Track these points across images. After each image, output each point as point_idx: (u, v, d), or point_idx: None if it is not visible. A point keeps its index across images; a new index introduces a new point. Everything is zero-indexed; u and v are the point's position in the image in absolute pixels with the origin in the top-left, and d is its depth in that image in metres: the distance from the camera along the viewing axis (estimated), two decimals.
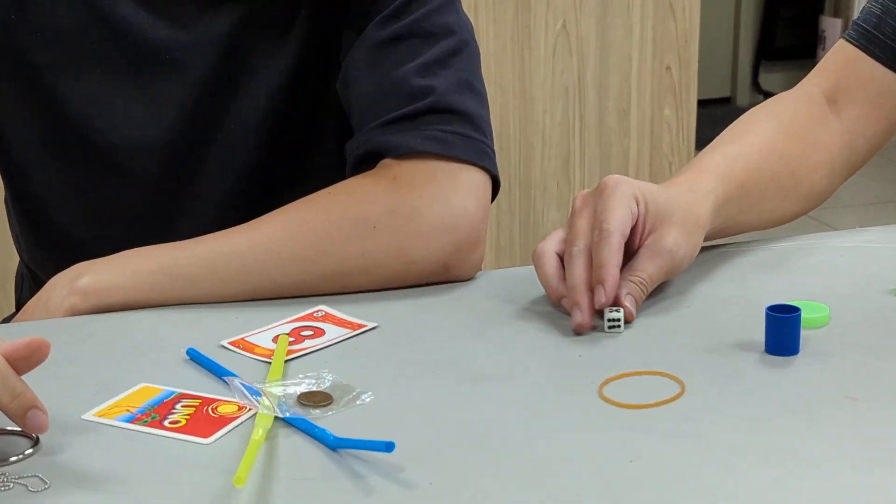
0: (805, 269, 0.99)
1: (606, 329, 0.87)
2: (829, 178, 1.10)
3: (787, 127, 1.08)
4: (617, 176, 0.91)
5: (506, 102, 2.58)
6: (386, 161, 0.99)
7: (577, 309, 0.87)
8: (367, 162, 1.00)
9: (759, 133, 1.06)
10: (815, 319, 0.87)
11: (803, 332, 0.83)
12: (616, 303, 0.87)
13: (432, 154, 0.98)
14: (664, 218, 0.91)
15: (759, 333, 0.84)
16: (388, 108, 1.00)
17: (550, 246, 0.92)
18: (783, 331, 0.82)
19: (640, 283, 0.89)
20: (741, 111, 1.12)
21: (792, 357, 0.82)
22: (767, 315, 0.82)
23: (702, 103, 3.61)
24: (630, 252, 0.91)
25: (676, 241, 0.91)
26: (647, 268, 0.90)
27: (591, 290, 0.87)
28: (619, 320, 0.86)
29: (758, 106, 1.13)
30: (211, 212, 1.07)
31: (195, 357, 0.83)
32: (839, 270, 0.98)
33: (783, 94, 1.14)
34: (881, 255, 1.00)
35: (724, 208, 0.97)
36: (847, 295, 0.92)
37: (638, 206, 0.90)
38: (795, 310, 0.82)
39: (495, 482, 0.68)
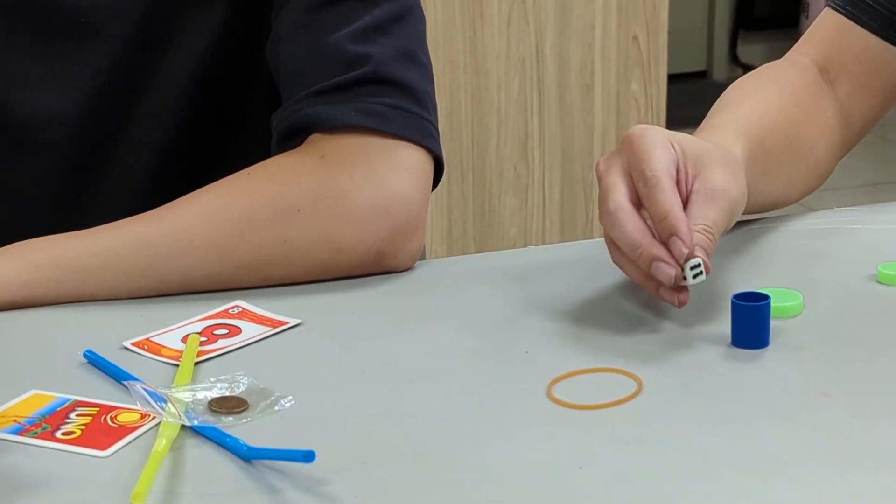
0: (776, 253, 0.98)
1: (692, 280, 0.83)
2: (830, 152, 1.10)
3: (790, 92, 1.07)
4: (641, 125, 0.87)
5: (456, 78, 2.58)
6: (314, 136, 0.98)
7: (658, 264, 0.82)
8: (293, 136, 0.99)
9: (764, 95, 1.05)
10: (787, 308, 0.87)
11: (774, 323, 0.83)
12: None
13: (367, 129, 0.97)
14: (704, 160, 0.87)
15: (725, 325, 0.84)
16: (319, 77, 0.99)
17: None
18: (751, 321, 0.82)
19: (706, 230, 0.84)
20: (718, 86, 1.12)
21: (761, 350, 0.82)
22: (734, 304, 0.82)
23: (674, 78, 3.62)
24: None
25: (726, 180, 0.87)
26: (708, 214, 0.85)
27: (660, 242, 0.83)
28: (700, 265, 0.83)
29: (753, 72, 1.13)
30: (128, 195, 1.05)
31: (93, 360, 0.81)
32: (814, 254, 0.98)
33: (774, 62, 1.14)
34: (861, 238, 1.01)
35: (747, 167, 0.94)
36: (823, 281, 0.93)
37: (674, 148, 0.86)
38: (765, 298, 0.82)
39: (429, 494, 0.67)
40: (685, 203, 0.85)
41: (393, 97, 0.98)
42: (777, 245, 1.00)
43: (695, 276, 0.83)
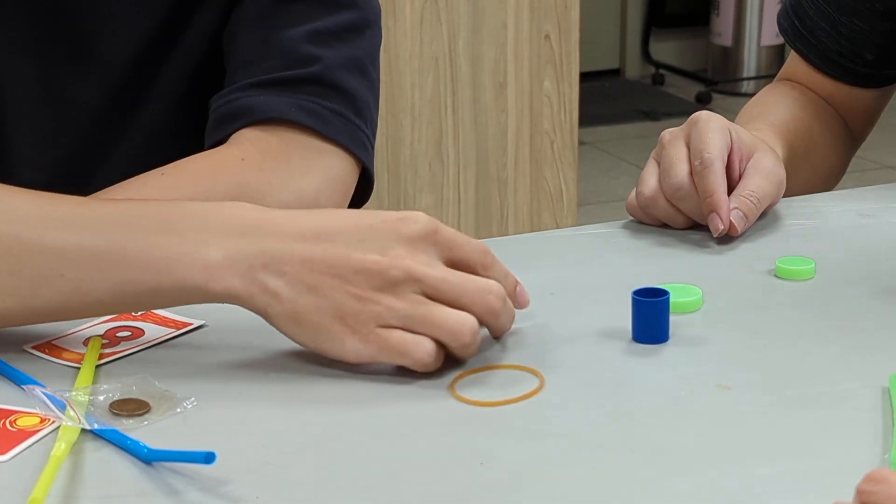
0: (677, 248, 1.00)
1: None
2: (842, 160, 1.24)
3: (808, 107, 1.20)
4: (706, 111, 1.00)
5: None
6: (241, 133, 0.97)
7: (715, 216, 0.96)
8: (228, 123, 0.98)
9: (787, 108, 1.19)
10: (686, 303, 0.88)
11: (673, 318, 0.84)
12: None
13: (301, 126, 0.96)
14: (756, 146, 1.01)
15: (625, 320, 0.84)
16: (265, 69, 0.98)
17: (652, 184, 1.00)
18: (651, 316, 0.83)
19: (750, 195, 0.98)
20: (631, 84, 1.16)
21: (661, 345, 0.83)
22: (634, 300, 0.83)
23: (588, 76, 3.65)
24: (731, 184, 0.99)
25: (774, 163, 1.01)
26: (758, 182, 0.99)
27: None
28: None
29: (768, 89, 1.26)
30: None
31: None
32: (713, 250, 0.99)
33: (779, 85, 1.26)
34: (759, 234, 1.02)
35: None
36: (721, 276, 0.94)
37: (731, 136, 0.99)
38: (664, 293, 0.83)
39: (331, 492, 0.67)
40: (740, 177, 1.00)
41: (334, 101, 0.98)
42: (678, 241, 1.01)
43: None
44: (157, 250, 0.77)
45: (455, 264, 0.79)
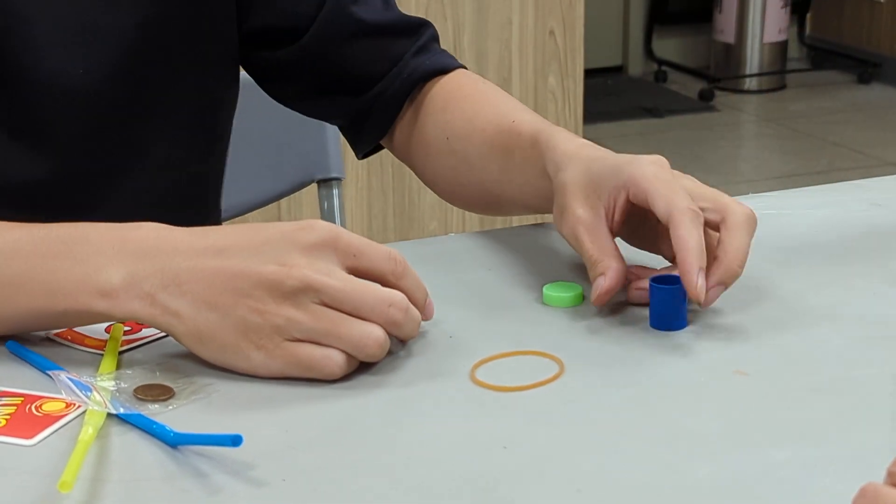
0: None
1: None
2: None
3: None
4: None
5: None
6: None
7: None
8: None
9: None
10: None
11: (691, 305, 0.85)
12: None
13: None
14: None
15: (643, 307, 0.85)
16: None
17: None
18: (668, 303, 0.83)
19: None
20: (634, 80, 1.15)
21: (679, 331, 0.83)
22: (651, 287, 0.84)
23: (591, 73, 3.65)
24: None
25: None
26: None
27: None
28: None
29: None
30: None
31: (16, 350, 0.81)
32: None
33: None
34: (776, 223, 1.03)
35: None
36: None
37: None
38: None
39: (355, 476, 0.68)
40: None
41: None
42: None
43: None
44: (60, 275, 0.79)
45: (362, 273, 0.78)
